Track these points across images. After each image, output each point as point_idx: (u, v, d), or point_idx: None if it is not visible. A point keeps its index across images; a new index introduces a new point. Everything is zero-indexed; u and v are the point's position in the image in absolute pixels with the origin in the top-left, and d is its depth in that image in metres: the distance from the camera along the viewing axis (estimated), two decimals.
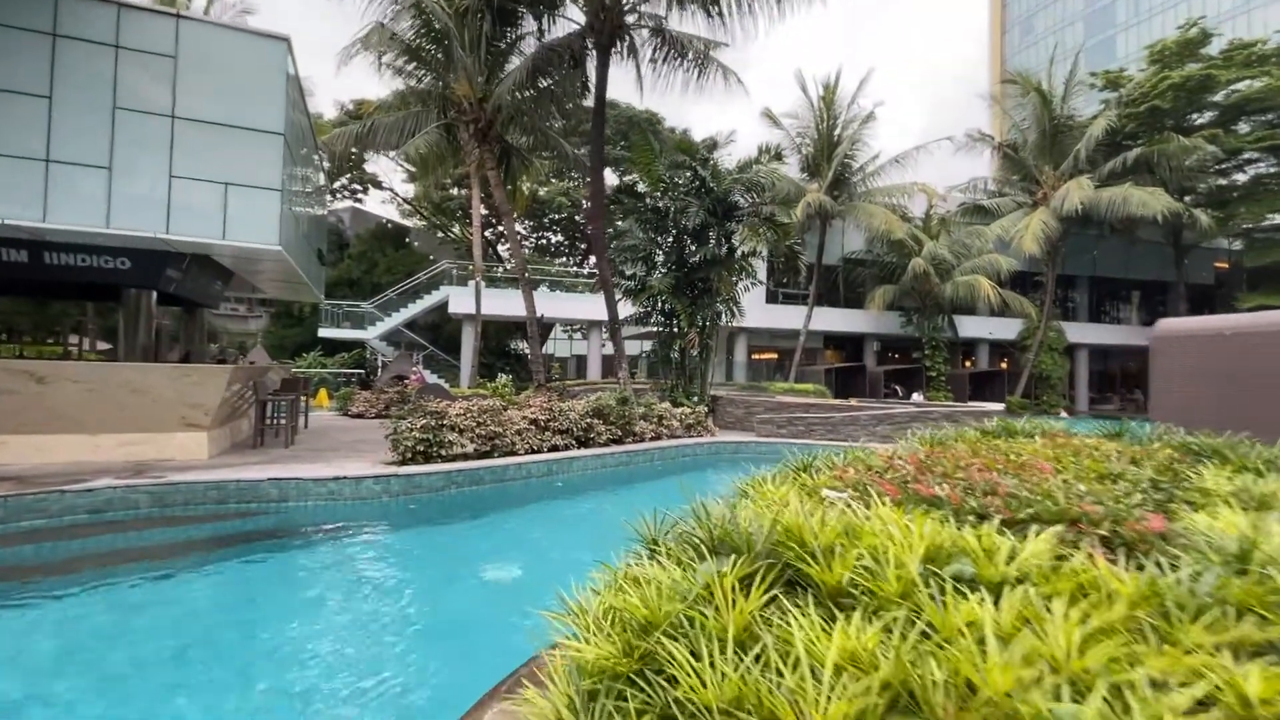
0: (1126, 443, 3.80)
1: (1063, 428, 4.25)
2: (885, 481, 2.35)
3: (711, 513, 2.09)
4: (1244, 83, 28.30)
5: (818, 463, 3.47)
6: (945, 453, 3.04)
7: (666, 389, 15.12)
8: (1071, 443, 3.36)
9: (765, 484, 3.03)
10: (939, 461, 2.74)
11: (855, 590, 1.50)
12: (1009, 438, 4.02)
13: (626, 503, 8.68)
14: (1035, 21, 76.25)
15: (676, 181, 14.44)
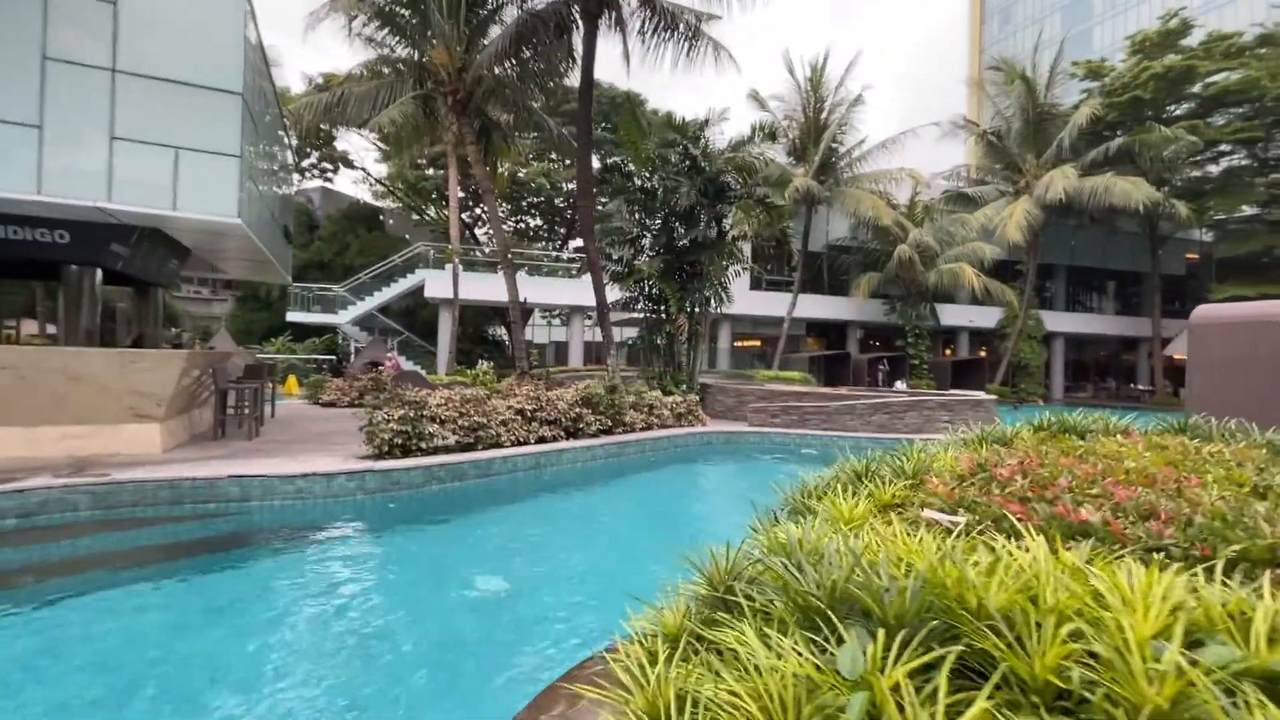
0: (1197, 441, 3.40)
1: (1124, 424, 3.84)
2: (1007, 500, 1.86)
3: (806, 547, 1.57)
4: (1222, 75, 28.54)
5: (874, 464, 2.98)
6: (1033, 457, 2.56)
7: (654, 376, 14.62)
8: (1173, 446, 2.92)
9: (825, 495, 2.52)
10: (1043, 470, 2.27)
11: (1072, 680, 1.00)
12: (1074, 436, 3.59)
13: (619, 498, 8.19)
14: (1014, 11, 76.63)
15: (667, 160, 13.83)
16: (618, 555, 5.61)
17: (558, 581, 4.88)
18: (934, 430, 12.51)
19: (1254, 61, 27.78)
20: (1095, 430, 3.76)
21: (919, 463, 2.72)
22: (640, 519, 7.31)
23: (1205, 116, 29.52)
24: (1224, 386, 5.32)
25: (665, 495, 8.65)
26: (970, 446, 3.60)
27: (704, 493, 9.19)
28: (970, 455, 2.99)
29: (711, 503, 8.45)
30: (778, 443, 12.06)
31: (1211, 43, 28.96)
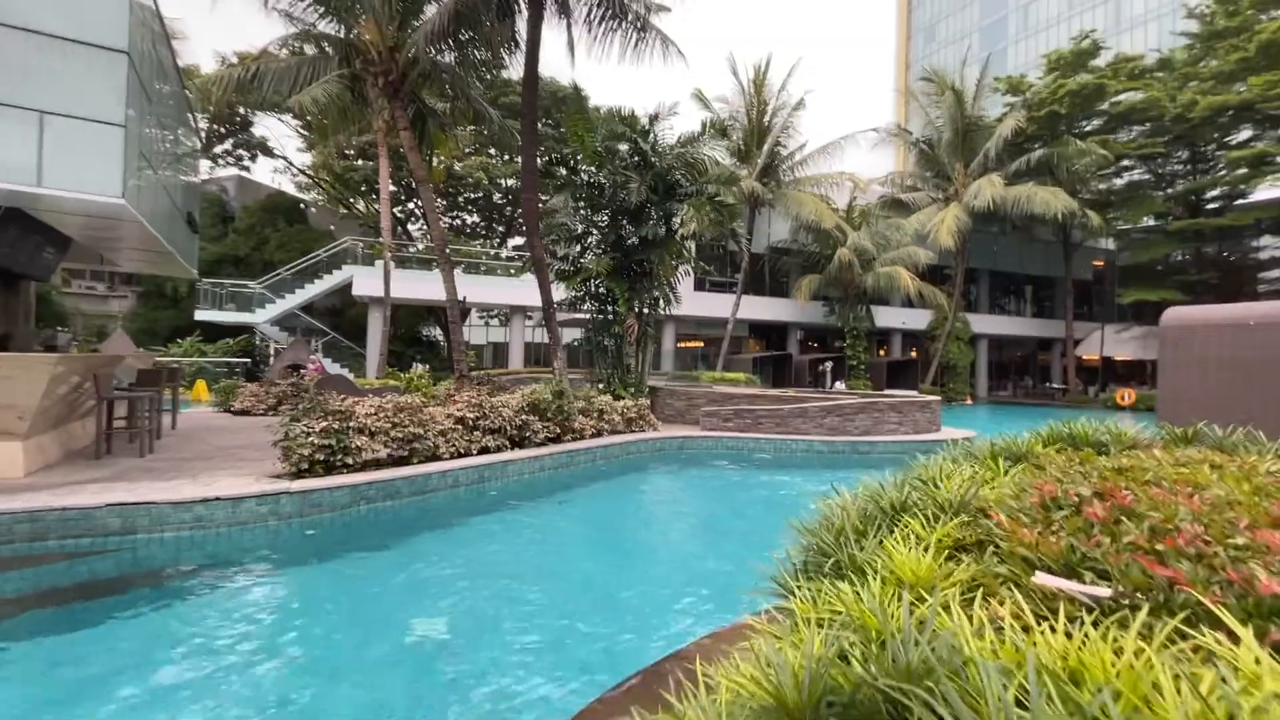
0: (1218, 455, 3.15)
1: (1134, 433, 3.57)
2: (1158, 562, 1.41)
3: (917, 660, 1.04)
4: (1128, 94, 30.66)
5: (898, 489, 2.53)
6: (1115, 487, 2.16)
7: (603, 380, 14.03)
8: (1219, 462, 2.61)
9: (865, 534, 2.03)
10: (1138, 504, 1.86)
11: None
12: (1088, 448, 3.27)
13: (572, 515, 7.57)
14: (937, 29, 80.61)
15: (615, 153, 13.29)
16: (576, 588, 5.01)
17: (508, 624, 4.23)
18: (885, 432, 12.53)
19: (1155, 83, 29.96)
20: (1105, 441, 3.47)
21: (959, 491, 2.27)
22: (598, 540, 6.71)
23: (1113, 132, 31.64)
24: (1194, 388, 5.22)
25: (623, 510, 8.09)
26: (983, 463, 3.22)
27: (664, 505, 8.67)
28: (1041, 483, 2.58)
29: (676, 519, 7.94)
30: (731, 447, 11.72)
31: (1118, 64, 31.07)
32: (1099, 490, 1.95)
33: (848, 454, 11.57)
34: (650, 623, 4.28)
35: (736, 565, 5.62)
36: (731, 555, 5.85)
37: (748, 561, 5.66)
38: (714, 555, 6.03)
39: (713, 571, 5.51)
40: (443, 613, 4.38)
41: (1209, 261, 33.87)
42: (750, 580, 5.07)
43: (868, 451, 11.67)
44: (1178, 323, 5.39)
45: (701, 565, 5.79)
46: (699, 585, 5.08)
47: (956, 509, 2.18)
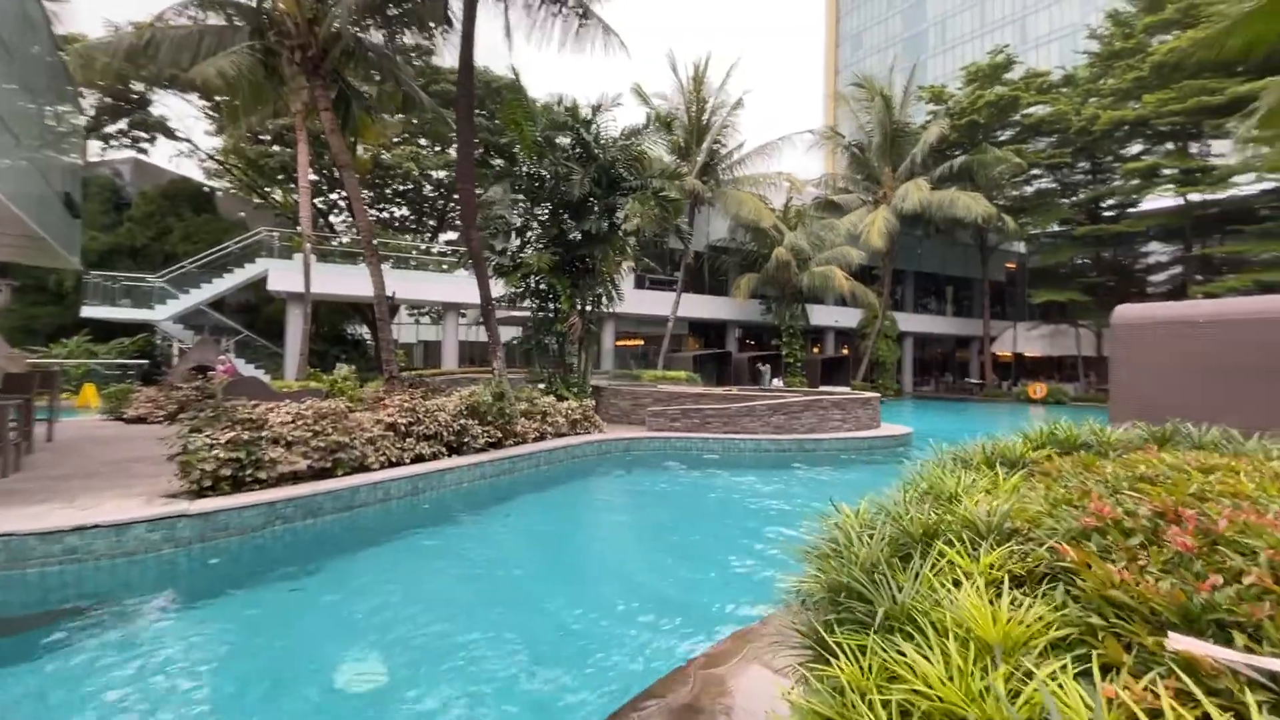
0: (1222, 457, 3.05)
1: (1118, 435, 3.46)
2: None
3: None
4: (1038, 107, 32.68)
5: (920, 506, 2.23)
6: (1181, 509, 1.92)
7: (545, 380, 13.47)
8: (1246, 465, 2.45)
9: (896, 572, 1.71)
10: (1216, 525, 1.61)
11: None
12: (1092, 455, 3.12)
13: (518, 528, 7.03)
14: (864, 38, 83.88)
15: (555, 144, 12.74)
16: (525, 615, 4.52)
17: (451, 662, 3.71)
18: (829, 430, 12.61)
19: (1061, 98, 32.07)
20: (1091, 442, 3.33)
21: (990, 510, 1.98)
22: (546, 557, 6.22)
23: (1025, 142, 33.66)
24: (1145, 386, 5.24)
25: (572, 520, 7.61)
26: (976, 468, 3.00)
27: (616, 513, 8.24)
28: (1098, 505, 2.33)
29: (629, 529, 7.53)
30: (680, 448, 11.45)
31: (1029, 78, 33.07)
32: (1161, 510, 1.70)
33: (794, 452, 11.54)
34: (613, 662, 3.84)
35: (697, 583, 5.29)
36: (692, 571, 5.52)
37: (709, 576, 5.33)
38: (674, 572, 5.64)
39: (675, 593, 5.12)
40: (374, 651, 3.80)
41: (1107, 265, 36.64)
42: (713, 600, 4.74)
43: (813, 449, 11.68)
44: (1128, 320, 5.42)
45: (662, 585, 5.39)
46: (665, 611, 4.57)
47: (994, 532, 1.88)
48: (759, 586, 4.83)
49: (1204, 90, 25.46)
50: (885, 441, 12.42)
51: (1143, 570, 1.41)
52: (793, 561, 2.35)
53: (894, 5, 79.81)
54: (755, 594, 4.59)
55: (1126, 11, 31.04)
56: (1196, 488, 1.96)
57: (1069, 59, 42.73)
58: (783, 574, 2.37)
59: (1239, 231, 29.34)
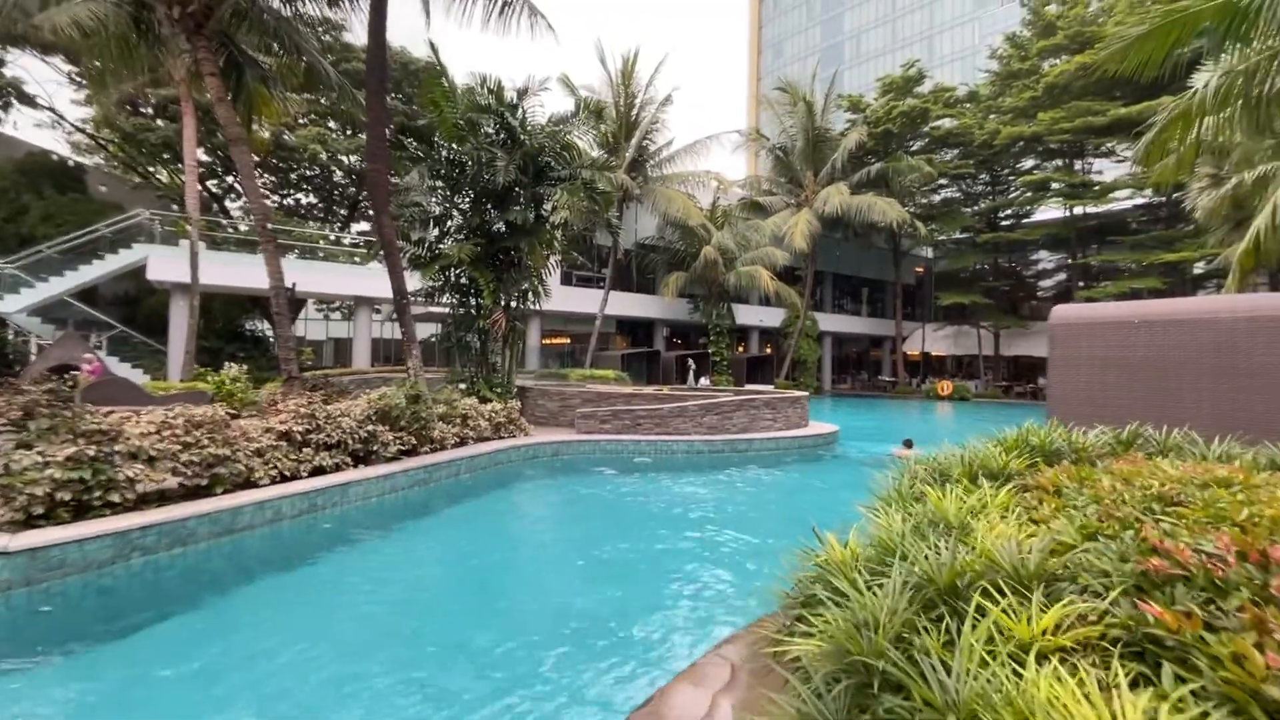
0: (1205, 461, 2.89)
1: (1090, 441, 3.28)
2: None
3: None
4: (944, 120, 34.60)
5: (926, 539, 1.85)
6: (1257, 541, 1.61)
7: (466, 380, 12.61)
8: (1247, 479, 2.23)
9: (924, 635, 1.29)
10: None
11: None
12: (1088, 467, 2.88)
13: (433, 547, 6.30)
14: (785, 46, 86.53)
15: (481, 127, 11.92)
16: (439, 659, 3.89)
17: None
18: (761, 429, 12.50)
19: (965, 113, 34.08)
20: (1062, 449, 3.12)
21: (1017, 549, 1.62)
22: (466, 580, 5.55)
23: (934, 153, 35.55)
24: (1082, 386, 5.20)
25: (496, 537, 6.92)
26: (958, 481, 2.69)
27: (545, 528, 7.62)
28: (1167, 545, 2.01)
29: (562, 546, 6.93)
30: (611, 451, 10.97)
31: (938, 92, 34.95)
32: (1239, 548, 1.37)
33: (727, 453, 11.33)
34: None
35: (634, 609, 4.81)
36: (629, 593, 5.04)
37: (648, 600, 4.83)
38: (609, 597, 5.05)
39: (611, 623, 4.52)
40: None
41: (1003, 271, 39.41)
42: (653, 632, 4.24)
43: (745, 449, 11.53)
44: (1065, 321, 5.40)
45: (598, 614, 4.82)
46: (601, 650, 4.00)
47: (1037, 579, 1.51)
48: (704, 611, 4.42)
49: (1090, 111, 27.71)
50: (815, 440, 12.46)
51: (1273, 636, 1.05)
52: (748, 595, 1.91)
53: (813, 16, 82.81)
54: (700, 620, 4.18)
55: (1023, 35, 33.39)
56: (1246, 514, 1.68)
57: (971, 77, 45.66)
58: (747, 599, 1.94)
59: (1116, 242, 32.23)
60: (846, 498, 8.85)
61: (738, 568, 5.60)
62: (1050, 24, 31.48)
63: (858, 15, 77.18)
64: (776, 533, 7.02)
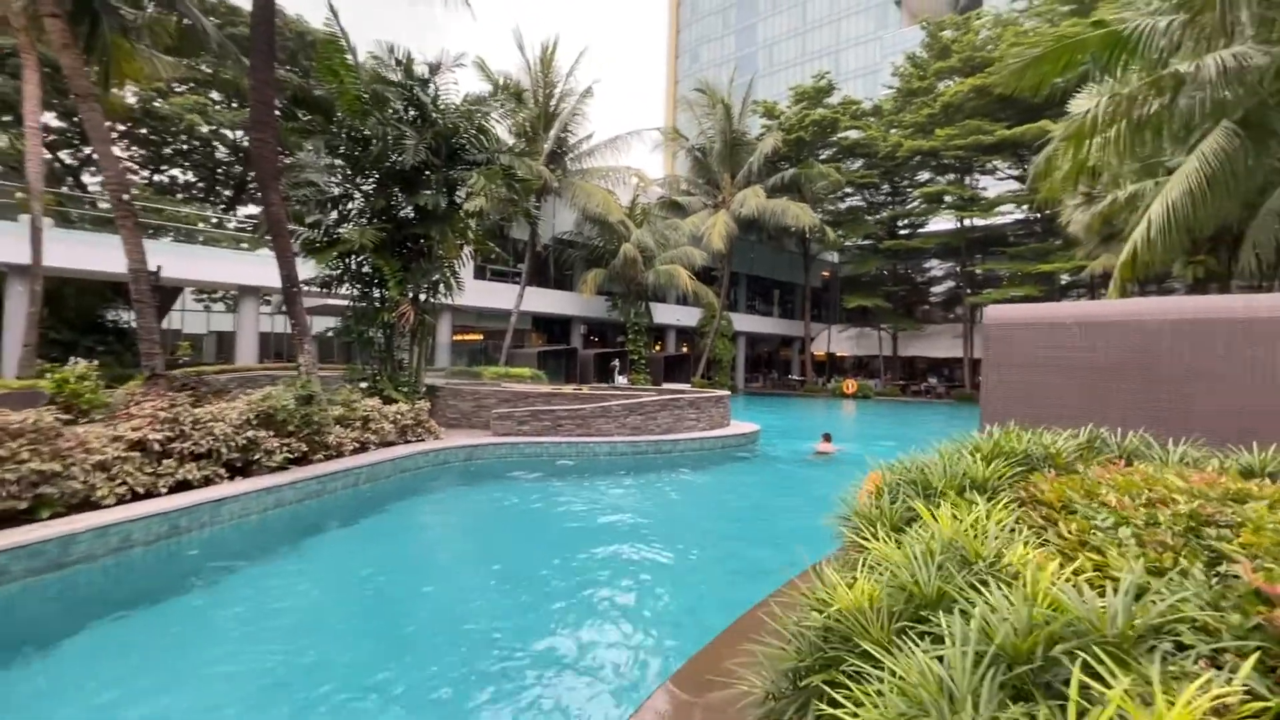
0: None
1: (1065, 444, 3.11)
2: None
3: None
4: (852, 131, 36.25)
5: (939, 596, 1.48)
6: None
7: (368, 379, 11.50)
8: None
9: None
10: None
11: None
12: (1076, 477, 2.67)
13: (323, 573, 5.46)
14: (701, 52, 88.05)
15: (387, 101, 10.87)
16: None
17: None
18: (685, 429, 12.26)
19: (871, 125, 35.86)
20: (1034, 454, 2.93)
21: (1109, 616, 1.29)
22: (361, 614, 4.76)
23: (841, 162, 37.17)
24: (1016, 387, 5.20)
25: (398, 560, 6.08)
26: (942, 495, 2.40)
27: (456, 547, 6.87)
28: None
29: (474, 571, 6.19)
30: (529, 454, 10.31)
31: (845, 104, 36.56)
32: None
33: (651, 454, 10.99)
34: None
35: (560, 650, 4.27)
36: (555, 627, 4.47)
37: (577, 636, 4.21)
38: (529, 636, 4.38)
39: (528, 673, 3.83)
40: None
41: (900, 277, 41.92)
42: (576, 683, 3.65)
43: (670, 450, 11.24)
44: (998, 321, 5.38)
45: (515, 656, 4.19)
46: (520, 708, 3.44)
47: (1127, 641, 1.17)
48: (642, 652, 3.99)
49: (980, 130, 29.87)
50: (737, 440, 12.39)
51: None
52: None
53: (729, 25, 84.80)
54: (637, 662, 3.73)
55: (921, 56, 35.57)
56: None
57: (875, 92, 48.25)
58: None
59: (998, 253, 35.04)
60: (781, 503, 8.76)
61: (682, 590, 5.21)
62: (946, 47, 33.69)
63: (770, 26, 79.85)
64: (716, 545, 6.72)
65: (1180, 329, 4.39)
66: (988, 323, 5.42)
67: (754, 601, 4.14)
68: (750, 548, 6.39)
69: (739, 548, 6.39)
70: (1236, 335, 4.21)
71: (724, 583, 5.40)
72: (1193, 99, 10.64)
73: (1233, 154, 10.39)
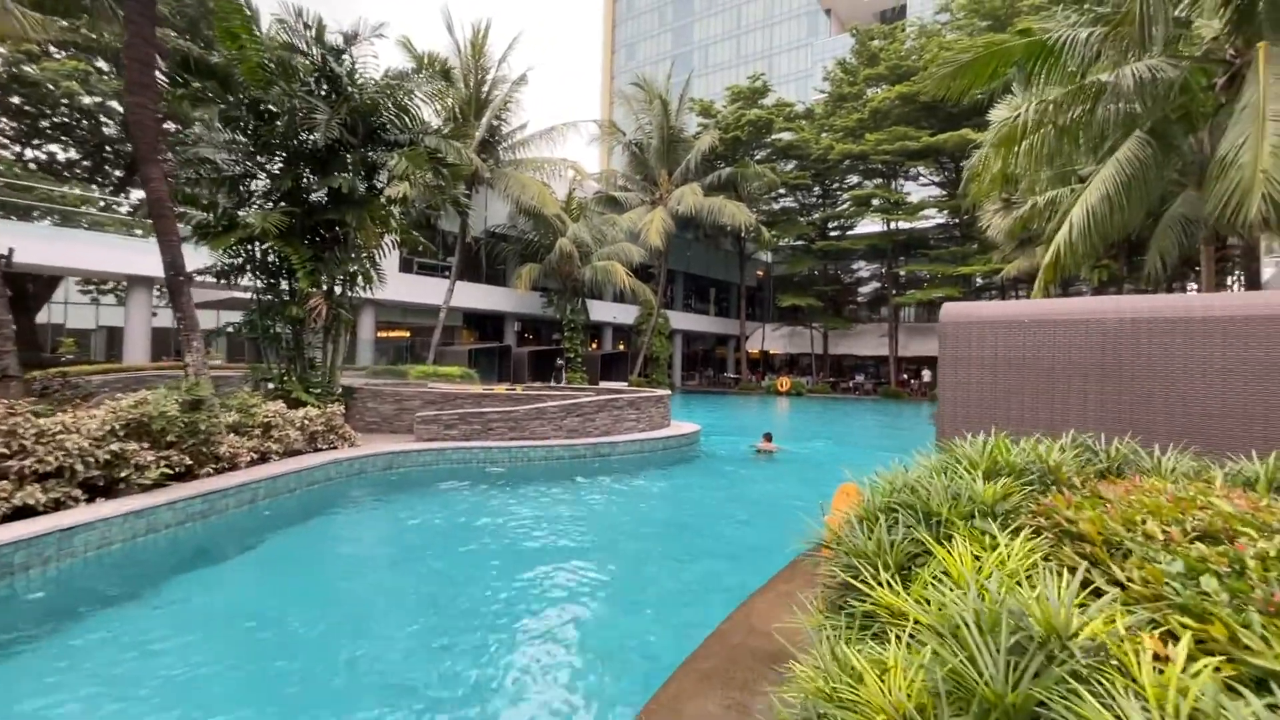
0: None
1: (1066, 455, 2.81)
2: None
3: None
4: (786, 133, 36.84)
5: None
6: None
7: (273, 379, 10.36)
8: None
9: None
10: None
11: None
12: (1092, 496, 2.33)
13: (212, 618, 4.59)
14: (638, 49, 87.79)
15: (296, 72, 9.77)
16: None
17: None
18: (624, 431, 11.78)
19: (804, 128, 36.54)
20: (1027, 466, 2.61)
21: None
22: (249, 669, 3.94)
23: (776, 163, 37.73)
24: (973, 388, 4.98)
25: (297, 592, 5.20)
26: (950, 524, 2.01)
27: (367, 574, 6.02)
28: None
29: (385, 598, 5.38)
30: (457, 461, 9.53)
31: (779, 106, 37.10)
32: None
33: (589, 458, 10.44)
34: None
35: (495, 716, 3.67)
36: (487, 692, 3.79)
37: (520, 699, 3.48)
38: (454, 688, 3.65)
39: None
40: None
41: (830, 277, 43.09)
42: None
43: (609, 454, 10.73)
44: (955, 319, 5.17)
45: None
46: None
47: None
48: (590, 701, 3.46)
49: (907, 136, 30.93)
50: (678, 441, 12.02)
51: None
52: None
53: (665, 23, 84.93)
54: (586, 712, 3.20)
55: (851, 63, 36.55)
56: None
57: (807, 96, 49.41)
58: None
59: (921, 255, 36.55)
60: (728, 510, 8.40)
61: (629, 615, 4.71)
62: (874, 55, 34.74)
63: (706, 27, 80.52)
64: (662, 560, 6.25)
65: (1139, 328, 4.29)
66: (945, 320, 5.22)
67: (707, 624, 3.71)
68: (699, 560, 5.97)
69: (687, 561, 5.96)
70: (1195, 334, 4.14)
71: (674, 603, 4.95)
72: (1109, 110, 11.11)
73: (1145, 162, 10.92)
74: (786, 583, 4.08)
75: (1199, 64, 10.84)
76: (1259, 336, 3.83)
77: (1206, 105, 11.30)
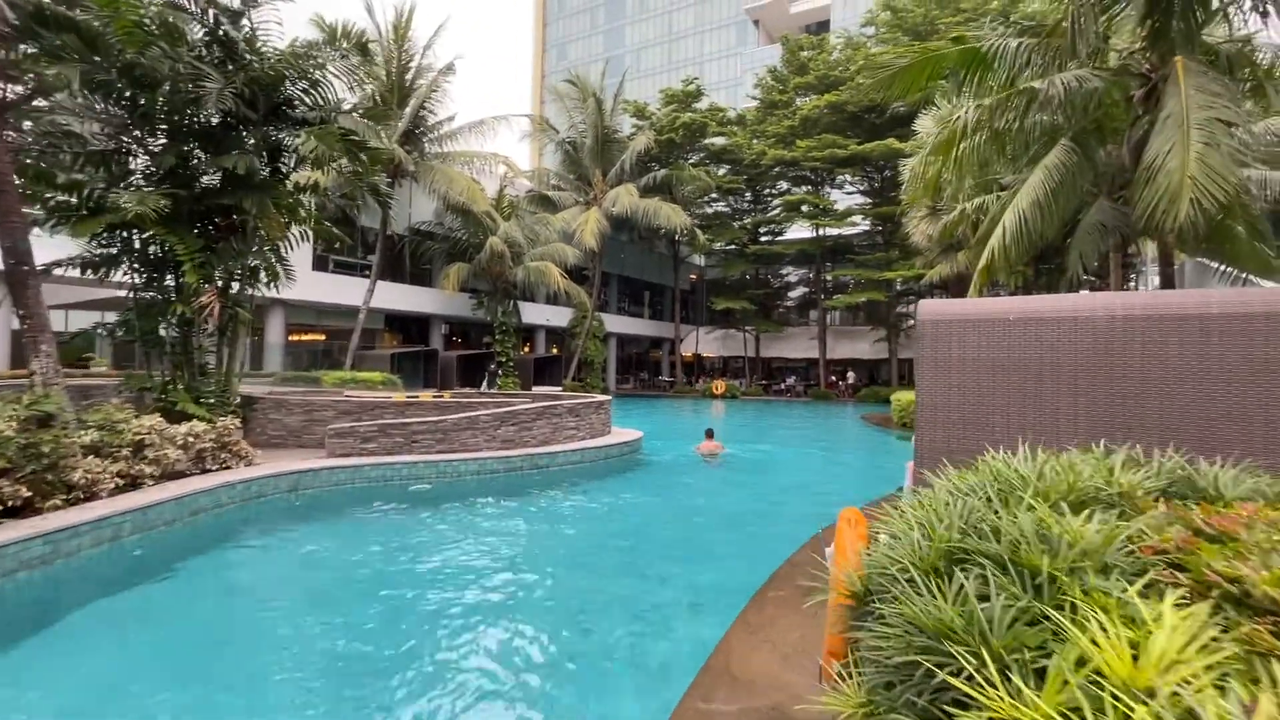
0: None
1: (1076, 470, 2.35)
2: None
3: None
4: (718, 138, 37.08)
5: None
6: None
7: (154, 388, 8.93)
8: None
9: None
10: None
11: None
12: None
13: (48, 700, 3.53)
14: (569, 49, 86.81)
15: (182, 33, 8.44)
16: None
17: None
18: (564, 440, 11.00)
19: (737, 133, 36.88)
20: (1031, 482, 2.13)
21: None
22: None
23: (709, 166, 37.88)
24: (955, 391, 4.60)
25: (175, 658, 4.12)
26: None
27: (263, 632, 4.79)
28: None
29: (285, 668, 4.29)
30: (375, 480, 8.47)
31: (712, 111, 37.30)
32: None
33: (526, 470, 9.63)
34: None
35: None
36: None
37: None
38: None
39: None
40: None
41: (762, 281, 43.75)
42: None
43: (547, 465, 9.95)
44: (933, 317, 4.79)
45: None
46: None
47: None
48: None
49: (835, 144, 31.70)
50: (620, 449, 11.39)
51: None
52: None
53: (597, 24, 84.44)
54: None
55: (781, 72, 37.24)
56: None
57: (738, 104, 50.12)
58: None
59: (848, 261, 37.67)
60: (678, 527, 7.82)
61: (582, 670, 4.00)
62: (804, 64, 35.50)
63: (638, 32, 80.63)
64: (614, 592, 5.57)
65: (1132, 326, 4.04)
66: (923, 318, 4.84)
67: (673, 681, 3.11)
68: (655, 590, 5.34)
69: (641, 594, 5.29)
70: (1191, 332, 3.92)
71: (629, 649, 4.27)
72: (1037, 119, 11.45)
73: (1070, 169, 11.29)
74: (770, 624, 3.52)
75: (1115, 78, 11.32)
76: (1259, 335, 3.60)
77: (1119, 120, 11.83)
